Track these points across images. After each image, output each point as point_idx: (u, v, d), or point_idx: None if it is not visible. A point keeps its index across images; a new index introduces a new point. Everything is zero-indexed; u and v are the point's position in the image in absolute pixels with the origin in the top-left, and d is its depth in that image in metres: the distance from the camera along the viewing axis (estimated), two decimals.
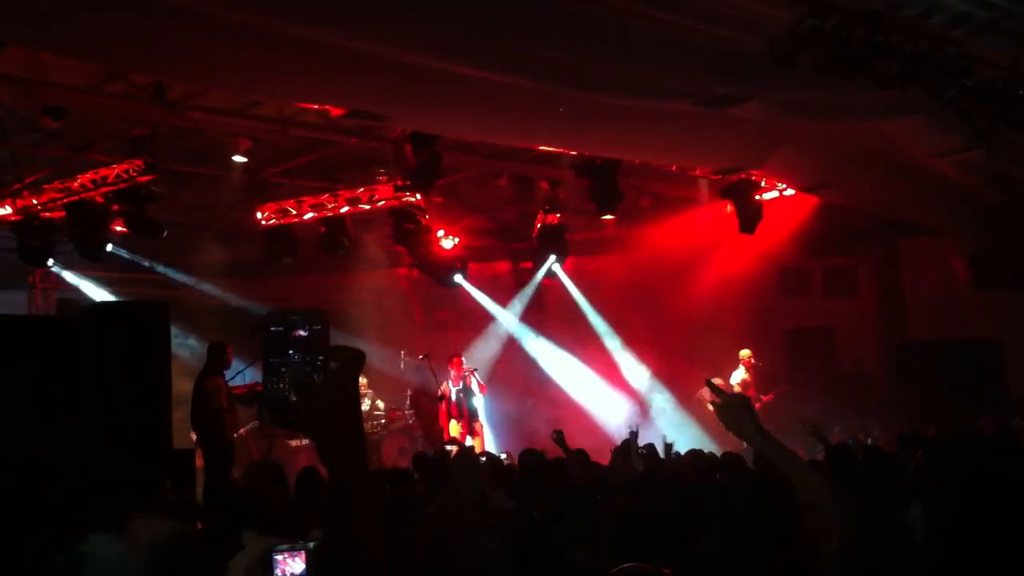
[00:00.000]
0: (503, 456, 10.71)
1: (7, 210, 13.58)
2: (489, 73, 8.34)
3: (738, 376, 15.90)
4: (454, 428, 14.50)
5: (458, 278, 16.38)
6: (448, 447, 11.68)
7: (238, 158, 12.32)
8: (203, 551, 4.71)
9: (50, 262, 14.79)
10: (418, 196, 14.16)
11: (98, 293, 16.54)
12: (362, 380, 16.12)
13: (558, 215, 15.83)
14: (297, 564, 3.66)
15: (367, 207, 14.58)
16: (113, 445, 7.61)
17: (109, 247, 13.73)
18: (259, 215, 15.14)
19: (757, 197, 14.61)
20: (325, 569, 2.13)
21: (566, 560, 4.32)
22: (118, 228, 13.45)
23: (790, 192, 14.89)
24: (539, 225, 15.98)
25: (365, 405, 16.08)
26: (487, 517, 4.22)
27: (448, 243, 16.16)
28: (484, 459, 9.70)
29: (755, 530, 3.00)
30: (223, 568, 4.52)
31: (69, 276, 16.41)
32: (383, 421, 15.79)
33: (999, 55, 8.23)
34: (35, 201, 13.40)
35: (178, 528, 5.45)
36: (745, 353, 15.97)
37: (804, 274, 18.30)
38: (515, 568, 2.79)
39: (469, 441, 14.34)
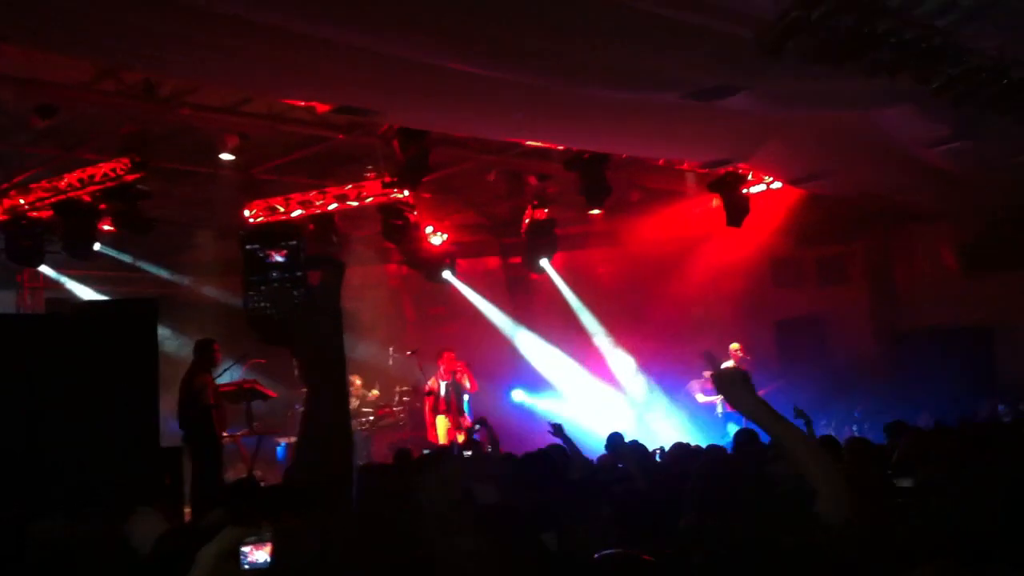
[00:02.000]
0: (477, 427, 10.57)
1: None
2: (476, 67, 8.32)
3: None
4: (442, 424, 14.45)
5: (447, 274, 16.42)
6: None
7: (226, 156, 12.29)
8: (192, 545, 4.70)
9: (45, 268, 14.82)
10: (406, 192, 14.15)
11: (87, 292, 16.50)
12: (357, 381, 16.14)
13: (547, 210, 15.83)
14: (263, 554, 3.71)
15: (355, 204, 14.56)
16: (102, 442, 7.62)
17: (97, 246, 13.71)
18: (247, 212, 15.10)
19: (744, 191, 14.63)
20: (296, 482, 2.14)
21: (552, 551, 4.31)
22: (107, 227, 13.41)
23: (777, 185, 14.92)
24: (528, 220, 15.97)
25: (354, 403, 16.06)
26: (472, 513, 4.23)
27: (437, 239, 16.16)
28: (469, 453, 9.67)
29: (732, 511, 3.03)
30: None
31: (58, 276, 16.39)
32: (372, 418, 15.75)
33: (986, 43, 8.24)
34: (22, 201, 13.36)
35: (168, 523, 5.45)
36: (734, 346, 15.95)
37: (796, 264, 18.34)
38: (501, 563, 2.80)
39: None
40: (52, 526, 4.74)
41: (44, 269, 15.93)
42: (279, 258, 2.24)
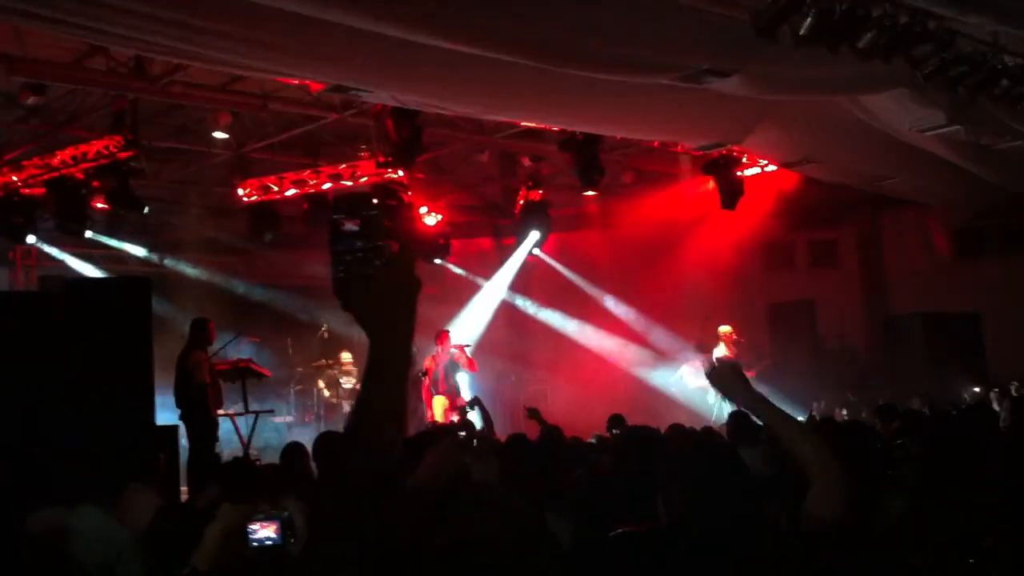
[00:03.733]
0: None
1: None
2: (470, 47, 8.30)
3: (719, 352, 15.88)
4: (438, 404, 14.47)
5: (441, 255, 16.46)
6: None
7: (219, 134, 12.30)
8: (188, 522, 4.72)
9: (31, 239, 14.74)
10: (400, 172, 14.15)
11: (82, 269, 16.47)
12: (347, 358, 16.18)
13: (541, 191, 15.83)
14: (270, 532, 3.72)
15: (349, 183, 14.55)
16: (97, 420, 7.64)
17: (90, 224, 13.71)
18: (240, 192, 15.10)
19: (738, 173, 14.63)
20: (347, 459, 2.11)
21: (549, 533, 4.33)
22: (99, 205, 13.38)
23: (771, 168, 14.93)
24: (522, 201, 15.98)
25: (349, 384, 16.09)
26: (469, 494, 4.24)
27: (431, 219, 16.18)
28: (464, 434, 9.69)
29: (727, 494, 3.02)
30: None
31: (52, 252, 16.34)
32: None
33: (980, 29, 8.25)
34: (15, 177, 13.31)
35: (165, 500, 5.48)
36: (725, 329, 15.84)
37: (788, 248, 18.40)
38: (497, 546, 2.79)
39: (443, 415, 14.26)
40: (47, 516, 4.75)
41: (40, 245, 15.89)
42: (353, 227, 2.25)
